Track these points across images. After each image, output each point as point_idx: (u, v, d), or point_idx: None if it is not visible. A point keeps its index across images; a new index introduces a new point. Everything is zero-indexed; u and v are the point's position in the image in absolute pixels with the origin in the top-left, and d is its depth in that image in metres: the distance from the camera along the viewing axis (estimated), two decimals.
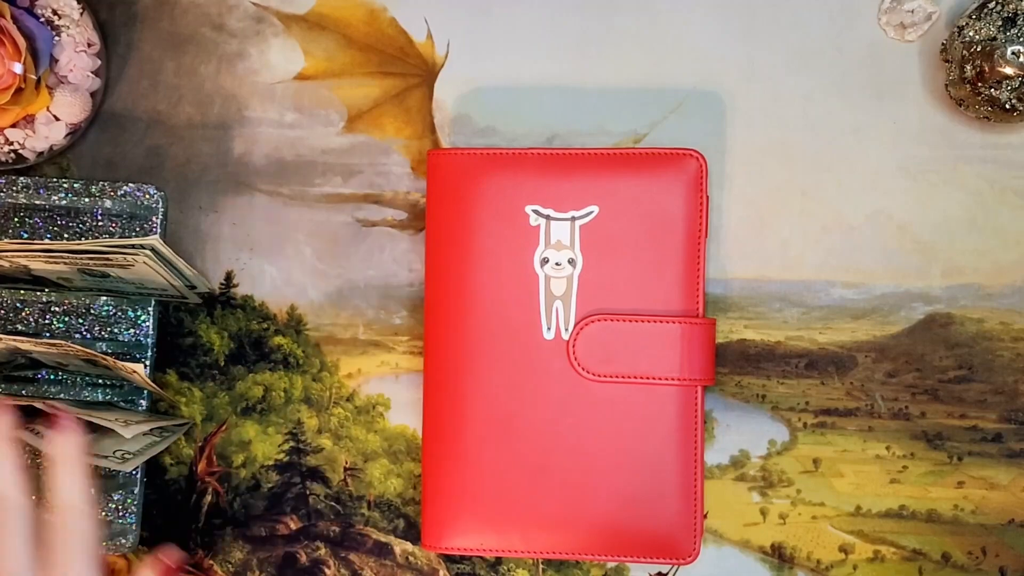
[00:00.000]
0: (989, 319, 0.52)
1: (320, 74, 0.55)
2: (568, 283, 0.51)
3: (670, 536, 0.50)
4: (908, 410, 0.53)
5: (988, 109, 0.49)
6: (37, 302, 0.55)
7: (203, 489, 0.56)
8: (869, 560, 0.53)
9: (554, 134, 0.54)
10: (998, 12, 0.47)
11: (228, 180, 0.55)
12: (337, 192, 0.55)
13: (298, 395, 0.55)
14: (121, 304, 0.54)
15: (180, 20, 0.56)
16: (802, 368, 0.53)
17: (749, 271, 0.53)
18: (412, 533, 0.54)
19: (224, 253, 0.55)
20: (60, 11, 0.51)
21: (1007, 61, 0.47)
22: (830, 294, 0.53)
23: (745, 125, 0.53)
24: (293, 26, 0.55)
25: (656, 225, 0.50)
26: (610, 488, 0.50)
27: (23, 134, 0.52)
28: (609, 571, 0.54)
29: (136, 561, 0.56)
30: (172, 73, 0.56)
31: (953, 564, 0.52)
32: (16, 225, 0.55)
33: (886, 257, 0.53)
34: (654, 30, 0.54)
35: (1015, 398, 0.52)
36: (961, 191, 0.53)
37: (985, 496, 0.52)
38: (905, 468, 0.53)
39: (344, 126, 0.55)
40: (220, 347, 0.55)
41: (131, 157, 0.56)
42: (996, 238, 0.52)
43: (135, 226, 0.54)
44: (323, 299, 0.55)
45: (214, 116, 0.56)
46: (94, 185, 0.54)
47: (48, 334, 0.55)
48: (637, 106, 0.54)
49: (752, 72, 0.53)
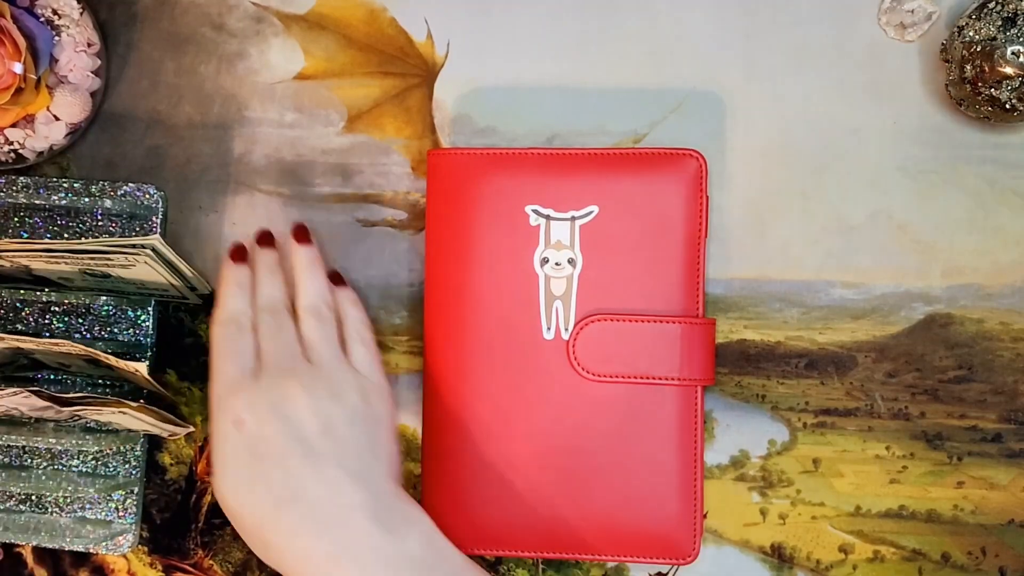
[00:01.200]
0: (989, 319, 0.52)
1: (320, 74, 0.55)
2: (568, 283, 0.51)
3: (670, 536, 0.50)
4: (908, 410, 0.53)
5: (988, 109, 0.49)
6: (37, 302, 0.55)
7: (203, 489, 0.56)
8: (869, 560, 0.53)
9: (554, 134, 0.54)
10: (998, 12, 0.47)
11: (228, 180, 0.55)
12: (337, 192, 0.55)
13: None
14: (121, 304, 0.54)
15: (180, 20, 0.56)
16: (802, 368, 0.53)
17: (749, 271, 0.53)
18: None
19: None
20: (60, 11, 0.51)
21: (1007, 61, 0.47)
22: (830, 294, 0.53)
23: (745, 125, 0.53)
24: (293, 26, 0.55)
25: (656, 225, 0.50)
26: (610, 488, 0.50)
27: (23, 134, 0.52)
28: (609, 571, 0.54)
29: (136, 561, 0.56)
30: (172, 73, 0.56)
31: (953, 564, 0.52)
32: (16, 225, 0.55)
33: (886, 257, 0.53)
34: (654, 30, 0.54)
35: (1015, 398, 0.52)
36: (961, 191, 0.53)
37: (985, 496, 0.52)
38: (905, 468, 0.53)
39: (344, 126, 0.55)
40: None
41: (131, 157, 0.56)
42: (996, 238, 0.52)
43: (135, 226, 0.54)
44: None
45: (214, 116, 0.56)
46: (94, 185, 0.54)
47: (48, 334, 0.55)
48: (637, 106, 0.54)
49: (752, 72, 0.53)
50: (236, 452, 0.45)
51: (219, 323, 0.49)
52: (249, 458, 0.45)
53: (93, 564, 0.56)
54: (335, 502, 0.44)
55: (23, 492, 0.55)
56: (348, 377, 0.48)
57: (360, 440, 0.46)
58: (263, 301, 0.50)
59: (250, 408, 0.46)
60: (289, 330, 0.49)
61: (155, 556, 0.56)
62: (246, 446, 0.45)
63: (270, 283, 0.51)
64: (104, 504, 0.55)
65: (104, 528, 0.54)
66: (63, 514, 0.55)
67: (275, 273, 0.51)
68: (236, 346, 0.48)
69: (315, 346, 0.49)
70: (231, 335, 0.48)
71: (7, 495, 0.55)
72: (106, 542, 0.54)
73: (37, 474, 0.55)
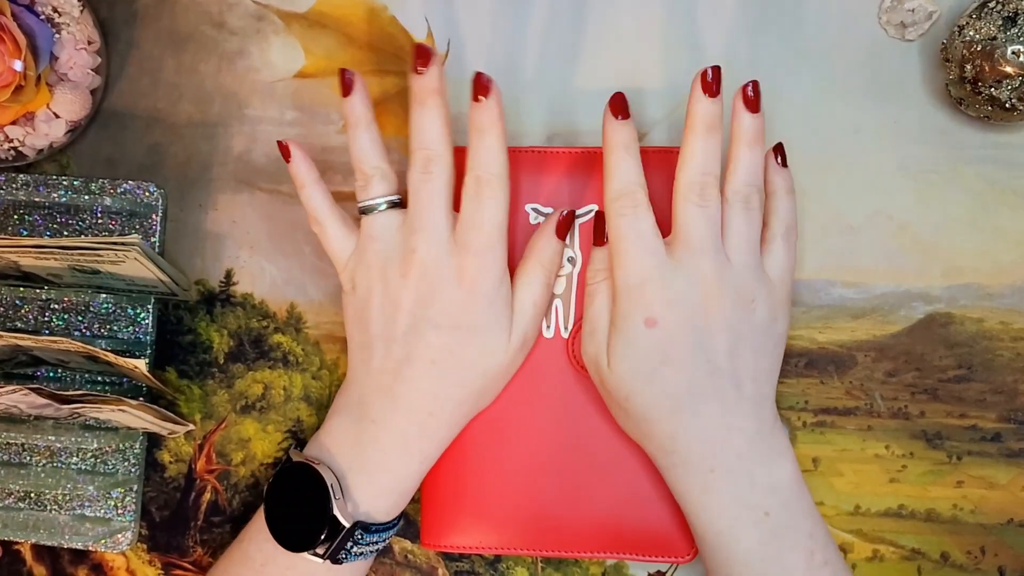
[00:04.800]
0: (989, 319, 0.52)
1: (320, 72, 0.55)
2: (568, 282, 0.51)
3: (669, 535, 0.50)
4: (907, 409, 0.53)
5: (988, 109, 0.49)
6: (36, 299, 0.55)
7: (202, 487, 0.56)
8: (868, 559, 0.53)
9: (554, 133, 0.54)
10: (998, 12, 0.47)
11: (228, 178, 0.55)
12: (337, 191, 0.55)
13: (298, 393, 0.55)
14: (120, 302, 0.54)
15: (180, 18, 0.56)
16: (802, 367, 0.53)
17: None
18: (411, 531, 0.54)
19: (224, 251, 0.55)
20: (60, 8, 0.51)
21: (1007, 60, 0.47)
22: (830, 294, 0.53)
23: None
24: (293, 24, 0.55)
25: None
26: (609, 487, 0.50)
27: (23, 131, 0.52)
28: (608, 569, 0.54)
29: (135, 559, 0.56)
30: (172, 71, 0.56)
31: (952, 563, 0.52)
32: (16, 222, 0.55)
33: (886, 257, 0.53)
34: (654, 30, 0.54)
35: (1015, 398, 0.52)
36: (961, 191, 0.53)
37: (984, 495, 0.52)
38: (904, 467, 0.53)
39: (344, 125, 0.55)
40: (219, 345, 0.55)
41: (131, 155, 0.56)
42: (996, 238, 0.52)
43: (135, 224, 0.54)
44: (323, 297, 0.55)
45: (214, 114, 0.56)
46: (94, 183, 0.54)
47: (47, 331, 0.55)
48: (637, 106, 0.53)
49: (752, 72, 0.53)
50: (642, 349, 0.45)
51: (611, 199, 0.46)
52: (655, 356, 0.45)
53: (92, 562, 0.56)
54: (723, 421, 0.45)
55: (22, 489, 0.55)
56: (761, 288, 0.46)
57: (760, 364, 0.46)
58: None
59: (665, 306, 0.44)
60: (716, 207, 0.45)
61: (154, 554, 0.56)
62: (654, 345, 0.45)
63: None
64: (103, 502, 0.55)
65: (103, 526, 0.54)
66: (62, 512, 0.55)
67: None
68: (638, 226, 0.45)
69: (737, 241, 0.45)
70: (627, 211, 0.45)
71: (6, 492, 0.55)
72: (105, 540, 0.54)
73: (36, 472, 0.55)
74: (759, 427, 0.45)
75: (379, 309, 0.47)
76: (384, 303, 0.47)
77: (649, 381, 0.45)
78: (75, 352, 0.50)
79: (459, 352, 0.46)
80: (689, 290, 0.45)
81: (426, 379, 0.46)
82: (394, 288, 0.47)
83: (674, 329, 0.44)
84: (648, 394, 0.45)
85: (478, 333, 0.46)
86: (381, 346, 0.47)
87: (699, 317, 0.44)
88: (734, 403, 0.45)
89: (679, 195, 0.45)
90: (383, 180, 0.48)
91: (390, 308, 0.47)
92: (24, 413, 0.52)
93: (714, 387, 0.45)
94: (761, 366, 0.46)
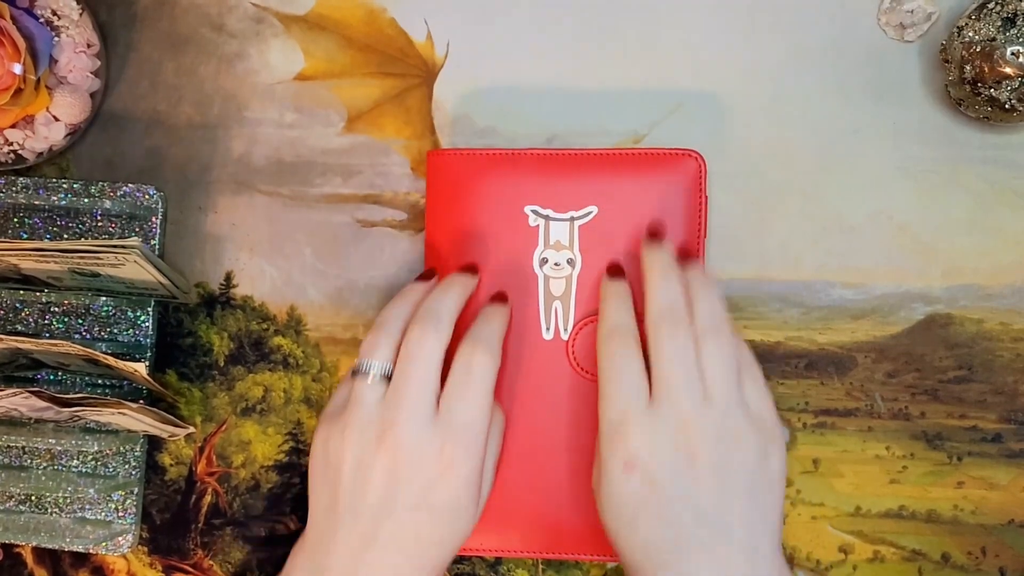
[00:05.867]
0: (989, 319, 0.52)
1: (320, 74, 0.55)
2: (567, 283, 0.51)
3: None
4: (908, 410, 0.53)
5: (988, 109, 0.49)
6: (36, 303, 0.55)
7: (203, 489, 0.56)
8: (869, 560, 0.53)
9: (554, 134, 0.54)
10: (998, 12, 0.47)
11: (228, 180, 0.55)
12: (337, 192, 0.55)
13: (298, 395, 0.55)
14: (121, 305, 0.54)
15: (180, 21, 0.56)
16: (802, 368, 0.53)
17: (749, 271, 0.53)
18: None
19: (224, 253, 0.55)
20: (59, 12, 0.51)
21: (1007, 61, 0.47)
22: (830, 294, 0.53)
23: (745, 125, 0.53)
24: (293, 26, 0.55)
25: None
26: None
27: (23, 135, 0.52)
28: (609, 572, 0.54)
29: (135, 562, 0.56)
30: (172, 73, 0.56)
31: (953, 564, 0.52)
32: (16, 225, 0.55)
33: (886, 257, 0.53)
34: (653, 30, 0.54)
35: (1015, 398, 0.52)
36: (961, 191, 0.53)
37: (985, 496, 0.52)
38: (905, 468, 0.53)
39: (344, 126, 0.55)
40: (220, 347, 0.55)
41: (131, 157, 0.56)
42: (996, 238, 0.52)
43: (135, 226, 0.55)
44: (323, 299, 0.55)
45: (214, 116, 0.56)
46: (93, 186, 0.54)
47: (48, 334, 0.55)
48: (637, 106, 0.53)
49: (752, 72, 0.53)
50: (623, 495, 0.43)
51: (603, 338, 0.46)
52: (634, 503, 0.42)
53: (93, 564, 0.56)
54: (716, 572, 0.41)
55: (23, 492, 0.55)
56: (746, 428, 0.43)
57: (753, 506, 0.42)
58: (658, 306, 0.44)
59: (647, 448, 0.42)
60: (691, 350, 0.43)
61: (155, 556, 0.56)
62: (634, 491, 0.42)
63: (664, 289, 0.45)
64: (104, 504, 0.55)
65: (104, 528, 0.54)
66: (63, 514, 0.55)
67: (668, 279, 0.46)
68: (625, 364, 0.44)
69: (714, 380, 0.43)
70: (617, 352, 0.45)
71: (7, 495, 0.55)
72: (106, 542, 0.54)
73: (37, 474, 0.55)
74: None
75: (350, 474, 0.44)
76: (356, 470, 0.44)
77: (632, 529, 0.43)
78: (75, 355, 0.50)
79: (428, 535, 0.44)
80: (673, 440, 0.42)
81: (390, 565, 0.44)
82: (368, 457, 0.44)
83: (655, 474, 0.42)
84: (632, 542, 0.43)
85: (450, 515, 0.45)
86: (349, 518, 0.44)
87: (681, 461, 0.42)
88: (724, 555, 0.41)
89: (651, 334, 0.44)
90: (389, 347, 0.46)
91: (361, 477, 0.44)
92: (24, 416, 0.52)
93: (700, 537, 0.42)
94: (755, 509, 0.42)
